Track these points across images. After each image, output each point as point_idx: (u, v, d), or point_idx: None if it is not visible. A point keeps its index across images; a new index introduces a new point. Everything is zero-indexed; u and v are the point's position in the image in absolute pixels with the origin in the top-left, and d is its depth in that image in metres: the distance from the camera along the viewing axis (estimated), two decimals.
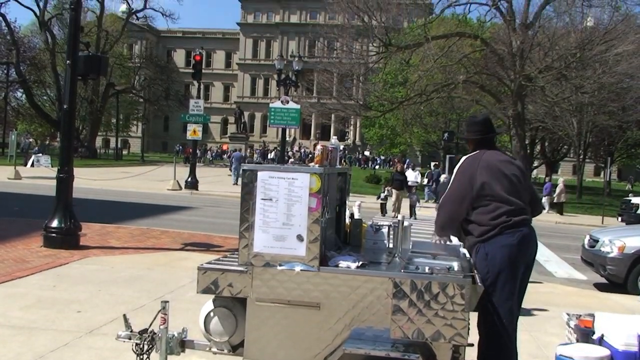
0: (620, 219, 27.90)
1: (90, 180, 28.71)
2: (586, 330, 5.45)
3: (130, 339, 4.95)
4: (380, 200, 24.29)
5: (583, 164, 50.68)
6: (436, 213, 5.40)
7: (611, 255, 11.97)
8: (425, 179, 36.67)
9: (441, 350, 4.49)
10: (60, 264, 10.39)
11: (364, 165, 77.60)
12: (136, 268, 10.45)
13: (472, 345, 4.80)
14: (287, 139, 72.05)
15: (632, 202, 28.25)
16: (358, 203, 6.22)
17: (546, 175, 65.07)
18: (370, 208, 23.49)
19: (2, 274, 9.35)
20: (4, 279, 9.03)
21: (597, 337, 5.29)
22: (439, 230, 5.33)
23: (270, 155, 69.96)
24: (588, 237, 13.24)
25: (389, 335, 4.51)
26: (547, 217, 28.92)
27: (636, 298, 10.89)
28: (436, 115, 54.34)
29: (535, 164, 65.63)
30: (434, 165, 37.79)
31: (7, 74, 65.12)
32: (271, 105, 26.41)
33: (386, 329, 4.53)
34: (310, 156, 45.67)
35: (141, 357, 4.91)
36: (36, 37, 71.30)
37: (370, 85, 55.36)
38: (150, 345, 4.91)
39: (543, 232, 21.78)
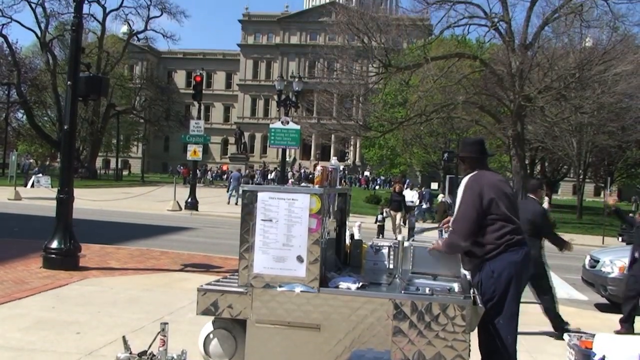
0: (620, 239, 27.83)
1: (90, 201, 28.68)
2: (587, 351, 5.43)
3: None
4: (378, 222, 23.53)
5: (583, 184, 50.66)
6: (445, 236, 5.32)
7: (612, 275, 11.93)
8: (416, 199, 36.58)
9: None
10: (59, 285, 10.35)
11: (364, 185, 77.57)
12: (136, 289, 10.41)
13: None
14: (287, 160, 72.14)
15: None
16: (358, 224, 6.21)
17: (546, 196, 65.01)
18: (371, 229, 23.43)
19: (2, 295, 9.31)
20: (4, 300, 9.00)
21: (598, 358, 5.27)
22: (449, 248, 5.25)
23: (270, 175, 69.95)
24: (588, 258, 13.20)
25: (389, 357, 4.50)
26: None
27: (638, 319, 10.84)
28: (436, 135, 54.44)
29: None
30: (397, 181, 37.34)
31: (8, 95, 65.32)
32: (271, 125, 26.49)
33: (387, 351, 4.51)
34: (310, 176, 45.70)
35: None
36: (37, 58, 71.64)
37: (370, 105, 55.49)
38: None
39: None
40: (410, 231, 23.65)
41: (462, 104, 38.21)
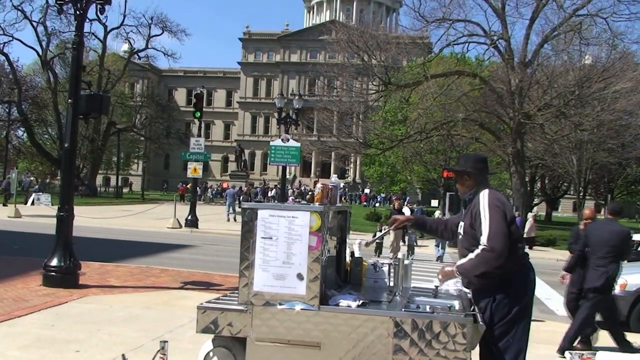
0: None
1: (90, 219, 28.67)
2: None
3: None
4: (376, 240, 23.42)
5: (583, 201, 50.64)
6: (471, 256, 4.92)
7: (613, 292, 11.88)
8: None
9: None
10: (59, 303, 10.32)
11: (365, 203, 77.53)
12: (135, 307, 10.38)
13: None
14: (288, 177, 72.15)
15: (632, 239, 28.12)
16: (358, 241, 6.21)
17: (546, 213, 65.07)
18: (371, 246, 23.41)
19: (1, 313, 9.28)
20: (3, 318, 8.97)
21: None
22: (482, 267, 4.85)
23: (270, 192, 69.95)
24: None
25: None
26: (547, 254, 28.82)
27: (639, 336, 10.79)
28: (436, 152, 54.48)
29: (536, 201, 65.62)
30: (397, 198, 36.60)
31: (8, 113, 65.49)
32: (272, 143, 26.52)
33: None
34: (310, 194, 45.72)
35: None
36: (38, 76, 71.91)
37: (370, 123, 55.63)
38: None
39: (544, 269, 21.68)
40: (410, 249, 23.54)
41: (462, 122, 38.31)
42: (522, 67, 35.74)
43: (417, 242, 24.25)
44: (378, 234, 22.87)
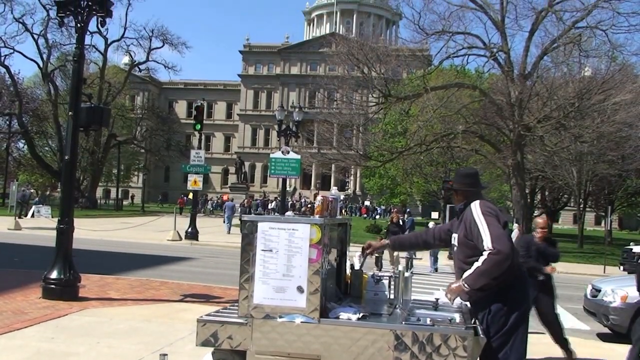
0: (622, 268, 27.73)
1: (90, 231, 28.66)
2: None
3: None
4: (376, 253, 22.94)
5: (584, 213, 50.61)
6: (477, 264, 4.85)
7: (614, 305, 11.85)
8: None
9: None
10: (59, 315, 10.30)
11: (365, 215, 77.51)
12: (135, 320, 10.35)
13: None
14: (288, 189, 72.14)
15: (633, 250, 28.11)
16: (359, 254, 6.20)
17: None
18: (371, 258, 23.36)
19: (1, 325, 9.26)
20: (2, 330, 8.94)
21: None
22: (490, 272, 4.79)
23: (270, 205, 69.95)
24: (590, 287, 13.15)
25: None
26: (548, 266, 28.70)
27: None
28: (436, 164, 54.53)
29: (536, 213, 65.52)
30: (407, 212, 36.14)
31: (9, 125, 65.59)
32: (272, 155, 26.51)
33: None
34: (310, 206, 45.73)
35: None
36: (39, 89, 72.06)
37: (370, 135, 55.69)
38: None
39: None
40: (409, 261, 23.38)
41: (461, 134, 38.32)
42: (521, 79, 35.80)
43: (416, 254, 24.04)
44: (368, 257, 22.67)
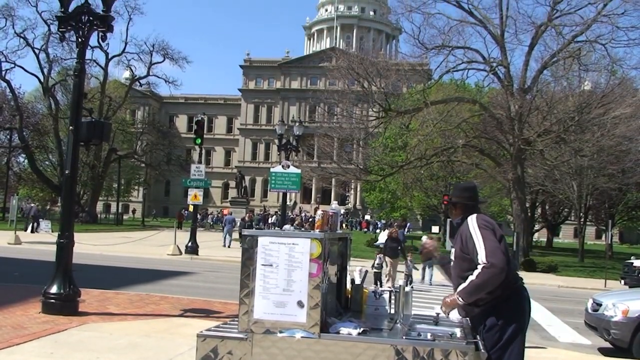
0: (623, 282, 27.69)
1: (90, 246, 28.62)
2: None
3: None
4: (374, 269, 21.54)
5: (584, 227, 50.57)
6: (471, 278, 4.86)
7: (615, 319, 11.81)
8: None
9: None
10: (58, 330, 10.26)
11: (365, 229, 77.42)
12: (135, 335, 10.32)
13: None
14: (288, 204, 72.11)
15: (634, 264, 28.07)
16: (359, 269, 6.19)
17: (547, 239, 64.93)
18: (371, 273, 23.27)
19: (0, 340, 9.23)
20: (2, 345, 8.91)
21: None
22: (483, 287, 4.80)
23: (271, 219, 69.88)
24: (591, 301, 13.10)
25: None
26: (549, 280, 28.72)
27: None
28: (436, 179, 54.56)
29: (537, 227, 65.53)
30: (397, 225, 35.35)
31: (10, 139, 65.67)
32: (272, 169, 26.51)
33: None
34: (310, 220, 45.68)
35: None
36: (40, 103, 72.20)
37: (370, 149, 55.75)
38: None
39: (545, 295, 21.61)
40: (408, 277, 22.95)
41: (462, 148, 38.39)
42: (521, 93, 35.88)
43: (415, 266, 23.63)
44: (376, 263, 22.11)
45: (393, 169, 42.91)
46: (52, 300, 11.66)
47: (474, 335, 4.84)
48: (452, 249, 5.28)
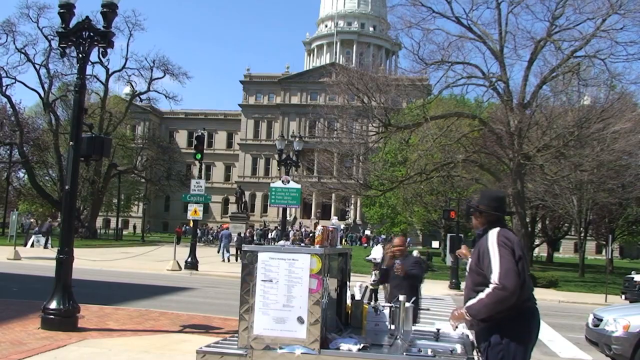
0: (624, 297, 27.62)
1: (90, 261, 28.57)
2: None
3: None
4: (371, 286, 20.70)
5: (584, 242, 50.49)
6: (481, 296, 4.80)
7: (616, 334, 11.77)
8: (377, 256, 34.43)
9: None
10: (57, 346, 10.23)
11: (365, 244, 77.30)
12: (134, 351, 10.28)
13: None
14: (288, 219, 72.06)
15: (635, 279, 28.01)
16: (359, 284, 6.17)
17: (547, 254, 64.80)
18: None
19: None
20: None
21: None
22: (493, 307, 4.74)
23: (270, 234, 69.80)
24: (592, 316, 13.06)
25: None
26: (549, 295, 28.64)
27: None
28: (436, 194, 54.50)
29: (537, 242, 65.40)
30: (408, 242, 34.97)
31: (10, 155, 65.71)
32: (272, 185, 26.55)
33: None
34: (310, 235, 45.71)
35: None
36: (40, 118, 72.28)
37: (370, 164, 55.70)
38: None
39: (546, 311, 21.52)
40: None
41: (461, 163, 38.41)
42: (521, 108, 35.92)
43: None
44: (373, 279, 21.36)
45: (393, 184, 42.90)
46: (52, 316, 11.63)
47: (477, 350, 4.82)
48: (469, 260, 5.21)
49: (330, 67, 77.89)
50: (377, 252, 26.41)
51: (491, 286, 4.73)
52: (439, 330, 5.39)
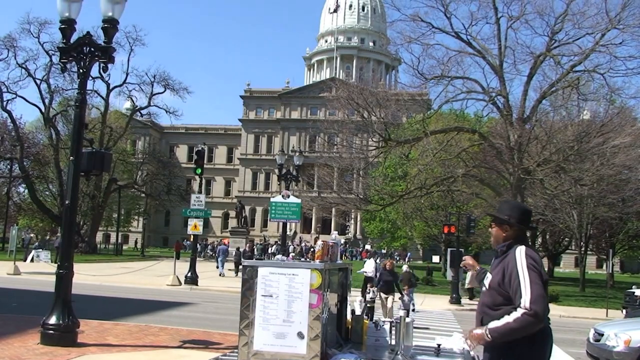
0: (624, 311, 27.52)
1: (89, 276, 28.53)
2: None
3: None
4: (367, 302, 19.24)
5: (585, 256, 50.39)
6: (508, 320, 4.68)
7: (617, 349, 11.73)
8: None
9: None
10: None
11: (366, 259, 77.10)
12: None
13: None
14: (288, 233, 71.99)
15: (635, 294, 27.93)
16: (359, 299, 6.16)
17: (548, 268, 64.63)
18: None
19: None
20: None
21: None
22: (519, 331, 4.64)
23: (270, 249, 69.69)
24: (593, 331, 13.02)
25: None
26: (550, 310, 28.52)
27: None
28: (436, 208, 54.50)
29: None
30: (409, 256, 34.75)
31: (10, 170, 65.77)
32: (272, 199, 26.52)
33: None
34: (311, 250, 45.67)
35: None
36: (40, 133, 72.46)
37: (370, 179, 55.77)
38: None
39: None
40: (406, 313, 22.33)
41: (462, 177, 38.44)
42: (520, 123, 36.01)
43: (414, 305, 22.69)
44: (369, 296, 20.86)
45: (393, 199, 42.93)
46: (51, 331, 11.59)
47: None
48: (489, 275, 5.08)
49: (330, 82, 78.14)
50: (369, 266, 26.28)
51: (520, 311, 4.61)
52: (439, 345, 5.37)
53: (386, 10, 74.98)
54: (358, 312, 5.95)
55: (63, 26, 12.08)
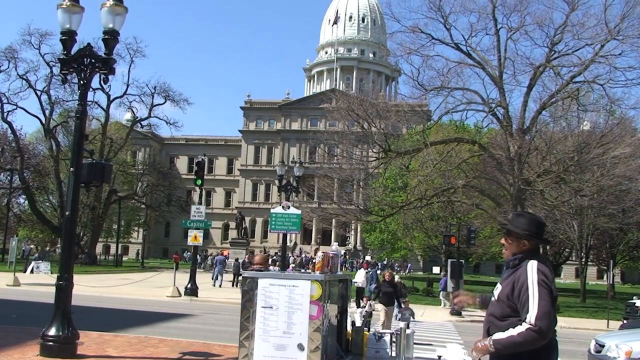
0: (625, 322, 27.47)
1: (89, 287, 28.47)
2: None
3: None
4: (363, 317, 18.58)
5: (585, 267, 50.35)
6: (512, 333, 4.69)
7: None
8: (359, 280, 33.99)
9: None
10: None
11: (366, 270, 76.94)
12: None
13: None
14: (288, 244, 71.94)
15: (636, 305, 27.89)
16: (359, 311, 6.15)
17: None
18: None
19: None
20: None
21: None
22: (525, 345, 4.65)
23: (270, 260, 69.59)
24: (594, 342, 12.99)
25: None
26: None
27: None
28: (437, 219, 54.49)
29: None
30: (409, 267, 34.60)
31: (10, 181, 65.77)
32: (272, 210, 26.45)
33: None
34: (312, 262, 45.56)
35: None
36: (41, 144, 72.48)
37: (370, 190, 55.83)
38: None
39: None
40: (408, 324, 22.02)
41: (462, 188, 38.45)
42: (520, 134, 36.03)
43: (414, 317, 22.37)
44: (365, 310, 20.46)
45: (393, 210, 42.92)
46: (51, 343, 11.55)
47: None
48: (499, 286, 5.06)
49: (331, 93, 78.33)
50: (359, 277, 26.03)
51: (525, 326, 4.61)
52: (440, 357, 5.36)
53: (386, 21, 75.30)
54: (358, 323, 5.94)
55: (64, 37, 12.11)
